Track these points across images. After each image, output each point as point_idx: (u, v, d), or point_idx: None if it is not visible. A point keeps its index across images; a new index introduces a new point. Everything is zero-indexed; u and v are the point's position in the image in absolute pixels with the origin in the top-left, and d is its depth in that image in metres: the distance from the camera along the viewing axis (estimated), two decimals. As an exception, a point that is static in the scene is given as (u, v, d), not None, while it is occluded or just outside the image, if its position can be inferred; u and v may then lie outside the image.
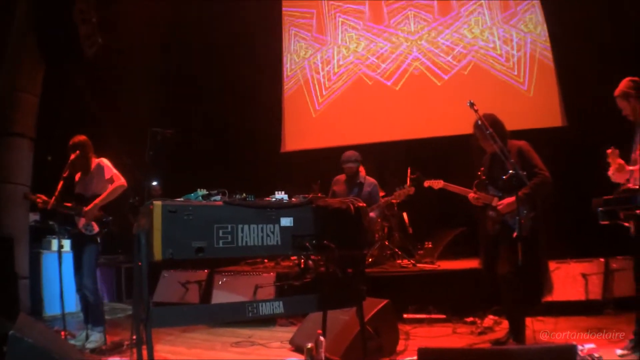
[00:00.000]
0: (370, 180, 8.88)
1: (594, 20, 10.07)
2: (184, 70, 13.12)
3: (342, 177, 8.93)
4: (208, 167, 11.92)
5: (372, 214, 8.31)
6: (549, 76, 11.08)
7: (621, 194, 5.07)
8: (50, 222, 7.56)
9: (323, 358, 5.69)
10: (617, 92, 5.96)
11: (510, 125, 6.89)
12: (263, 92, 13.36)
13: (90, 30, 9.83)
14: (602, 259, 8.46)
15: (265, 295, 8.71)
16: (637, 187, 5.24)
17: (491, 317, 8.05)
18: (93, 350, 7.12)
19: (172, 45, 13.08)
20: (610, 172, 5.69)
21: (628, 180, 5.54)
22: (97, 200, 7.39)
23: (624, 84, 5.88)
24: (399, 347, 6.98)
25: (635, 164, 5.81)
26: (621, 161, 5.59)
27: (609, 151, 5.62)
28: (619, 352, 5.90)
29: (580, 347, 5.43)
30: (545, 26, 11.21)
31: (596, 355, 5.33)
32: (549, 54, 11.13)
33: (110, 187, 7.48)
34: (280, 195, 5.14)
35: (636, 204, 4.77)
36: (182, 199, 4.82)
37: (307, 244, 5.01)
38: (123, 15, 11.72)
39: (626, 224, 5.63)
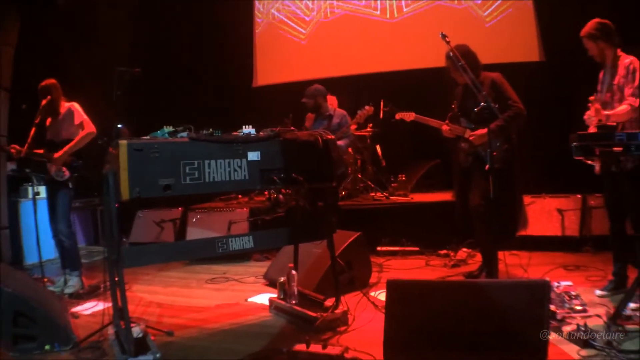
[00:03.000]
0: (340, 111, 8.80)
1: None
2: (154, 10, 12.87)
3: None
4: (180, 105, 11.80)
5: (341, 143, 8.26)
6: (526, 10, 10.90)
7: (597, 130, 5.04)
8: (27, 170, 7.48)
9: (295, 292, 5.75)
10: (583, 32, 5.90)
11: (486, 58, 6.82)
12: (234, 25, 13.07)
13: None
14: (579, 195, 8.49)
15: (239, 231, 8.72)
16: (614, 124, 5.21)
17: (464, 250, 8.15)
18: (71, 295, 7.12)
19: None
20: (586, 117, 5.67)
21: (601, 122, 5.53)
22: (66, 147, 7.28)
23: (590, 25, 5.83)
24: (372, 280, 7.06)
25: (605, 106, 5.79)
26: (597, 105, 5.57)
27: (591, 98, 5.60)
28: (598, 292, 5.92)
29: (556, 284, 5.40)
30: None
31: (573, 293, 5.30)
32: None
33: (80, 134, 7.37)
34: (248, 129, 5.11)
35: (613, 140, 4.73)
36: (148, 137, 4.80)
37: (275, 178, 5.00)
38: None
39: (590, 162, 5.64)
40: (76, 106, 7.53)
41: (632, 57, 5.68)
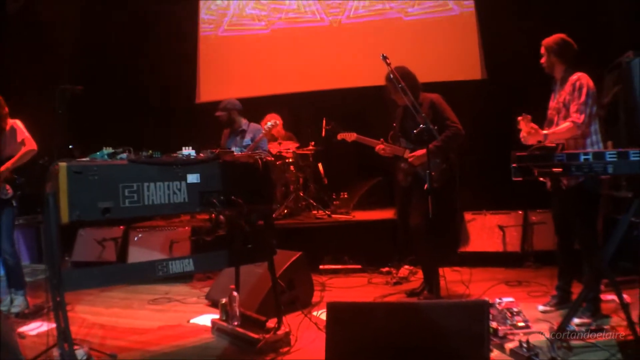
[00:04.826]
0: (254, 126, 8.53)
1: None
2: (97, 28, 12.70)
3: None
4: (123, 123, 11.69)
5: None
6: (469, 28, 11.08)
7: (535, 151, 5.12)
8: (-31, 187, 7.38)
9: (237, 313, 5.75)
10: (545, 41, 6.03)
11: (429, 76, 6.91)
12: (177, 40, 12.88)
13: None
14: (520, 212, 8.63)
15: (181, 250, 8.72)
16: (554, 145, 5.30)
17: (407, 267, 8.22)
18: (17, 315, 7.07)
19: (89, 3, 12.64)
20: (521, 137, 5.75)
21: (542, 142, 5.59)
22: (8, 164, 7.21)
23: (553, 37, 5.94)
24: (315, 299, 7.09)
25: (551, 124, 5.92)
26: (534, 125, 5.62)
27: (519, 118, 5.66)
28: (541, 307, 6.03)
29: (497, 300, 5.47)
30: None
31: (515, 309, 5.37)
32: (471, 6, 11.14)
33: (21, 151, 7.30)
34: (188, 151, 5.10)
35: (552, 162, 4.80)
36: (87, 159, 4.72)
37: (215, 201, 4.99)
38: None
39: (542, 179, 5.72)
40: (18, 123, 7.45)
41: (581, 73, 5.77)
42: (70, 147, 6.42)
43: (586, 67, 5.85)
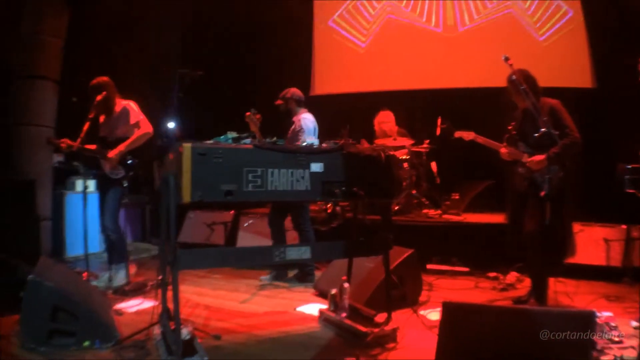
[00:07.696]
0: (302, 118, 8.22)
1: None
2: (212, 13, 12.85)
3: None
4: (236, 110, 11.83)
5: None
6: (580, 37, 10.88)
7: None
8: (75, 163, 7.55)
9: (347, 305, 5.73)
10: None
11: (540, 82, 6.79)
12: (294, 33, 12.85)
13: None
14: (623, 226, 8.35)
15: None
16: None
17: (514, 274, 8.05)
18: (116, 291, 7.18)
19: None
20: None
21: None
22: (122, 147, 7.35)
23: None
24: (422, 298, 7.03)
25: None
26: None
27: None
28: (634, 323, 5.87)
29: (598, 314, 5.40)
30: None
31: (612, 324, 5.31)
32: (580, 17, 10.93)
33: (136, 133, 7.43)
34: (311, 140, 5.13)
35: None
36: (211, 142, 4.79)
37: (337, 191, 5.00)
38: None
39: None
40: (132, 105, 7.58)
41: None
42: (172, 126, 6.50)
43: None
